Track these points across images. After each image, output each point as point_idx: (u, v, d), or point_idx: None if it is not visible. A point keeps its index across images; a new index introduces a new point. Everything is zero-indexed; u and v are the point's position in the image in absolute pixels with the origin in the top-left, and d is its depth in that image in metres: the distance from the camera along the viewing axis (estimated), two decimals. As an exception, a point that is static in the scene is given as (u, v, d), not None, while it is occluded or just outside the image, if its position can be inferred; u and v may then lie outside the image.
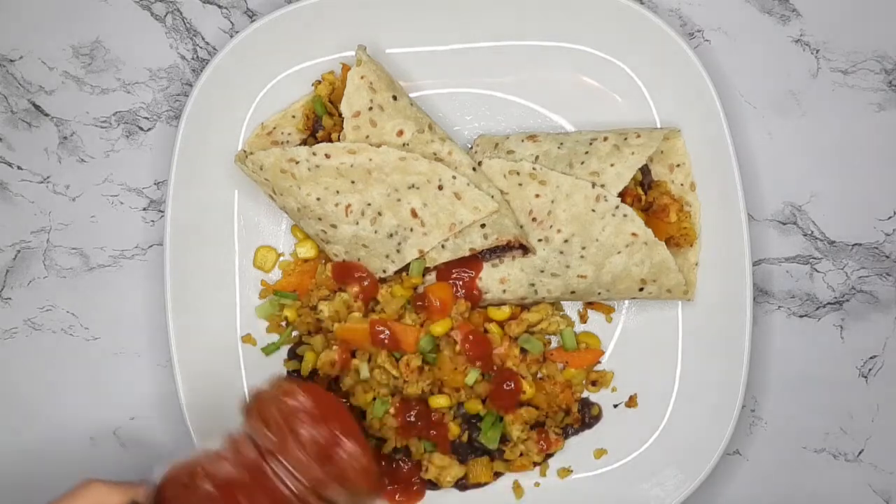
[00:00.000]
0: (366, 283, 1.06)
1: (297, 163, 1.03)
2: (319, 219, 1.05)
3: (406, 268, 1.06)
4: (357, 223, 1.04)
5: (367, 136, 1.03)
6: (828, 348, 1.14)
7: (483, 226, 1.04)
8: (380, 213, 1.04)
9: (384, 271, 1.07)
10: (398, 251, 1.05)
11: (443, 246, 1.05)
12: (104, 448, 1.15)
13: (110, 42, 1.14)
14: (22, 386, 1.15)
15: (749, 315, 1.06)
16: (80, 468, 1.15)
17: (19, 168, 1.14)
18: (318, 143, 1.06)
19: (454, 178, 1.02)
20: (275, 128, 1.08)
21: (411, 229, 1.04)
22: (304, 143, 1.08)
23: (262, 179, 1.05)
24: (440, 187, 1.02)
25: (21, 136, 1.14)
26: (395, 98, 1.04)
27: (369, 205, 1.04)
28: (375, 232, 1.04)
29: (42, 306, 1.15)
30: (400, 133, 1.03)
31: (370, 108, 1.03)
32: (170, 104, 1.14)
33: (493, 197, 1.04)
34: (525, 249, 1.05)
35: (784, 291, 1.15)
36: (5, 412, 1.16)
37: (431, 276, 1.07)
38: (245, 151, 1.07)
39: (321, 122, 1.07)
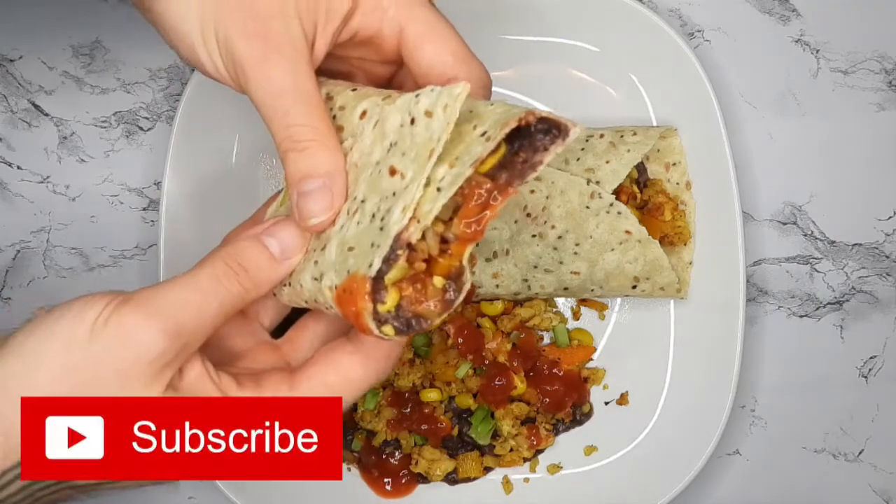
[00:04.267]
0: None
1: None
2: (316, 263, 0.79)
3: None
4: (341, 227, 0.78)
5: (342, 143, 0.77)
6: (828, 348, 1.14)
7: (474, 127, 0.70)
8: (363, 201, 0.75)
9: (370, 266, 0.73)
10: (381, 229, 0.72)
11: (438, 189, 0.69)
12: (104, 448, 1.16)
13: (110, 42, 1.14)
14: (22, 386, 1.16)
15: (742, 314, 1.05)
16: (79, 468, 1.15)
17: (19, 168, 1.14)
18: None
19: (417, 96, 0.70)
20: None
21: (393, 193, 0.72)
22: None
23: None
24: (413, 121, 0.71)
25: (21, 136, 1.14)
26: (354, 90, 0.78)
27: (355, 198, 0.76)
28: (358, 223, 0.76)
29: (42, 306, 1.15)
30: (363, 114, 0.76)
31: (333, 117, 0.77)
32: (170, 104, 1.14)
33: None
34: (557, 129, 0.70)
35: (784, 291, 1.14)
36: (5, 412, 1.16)
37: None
38: None
39: None
